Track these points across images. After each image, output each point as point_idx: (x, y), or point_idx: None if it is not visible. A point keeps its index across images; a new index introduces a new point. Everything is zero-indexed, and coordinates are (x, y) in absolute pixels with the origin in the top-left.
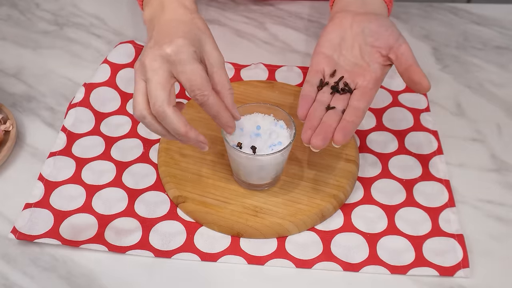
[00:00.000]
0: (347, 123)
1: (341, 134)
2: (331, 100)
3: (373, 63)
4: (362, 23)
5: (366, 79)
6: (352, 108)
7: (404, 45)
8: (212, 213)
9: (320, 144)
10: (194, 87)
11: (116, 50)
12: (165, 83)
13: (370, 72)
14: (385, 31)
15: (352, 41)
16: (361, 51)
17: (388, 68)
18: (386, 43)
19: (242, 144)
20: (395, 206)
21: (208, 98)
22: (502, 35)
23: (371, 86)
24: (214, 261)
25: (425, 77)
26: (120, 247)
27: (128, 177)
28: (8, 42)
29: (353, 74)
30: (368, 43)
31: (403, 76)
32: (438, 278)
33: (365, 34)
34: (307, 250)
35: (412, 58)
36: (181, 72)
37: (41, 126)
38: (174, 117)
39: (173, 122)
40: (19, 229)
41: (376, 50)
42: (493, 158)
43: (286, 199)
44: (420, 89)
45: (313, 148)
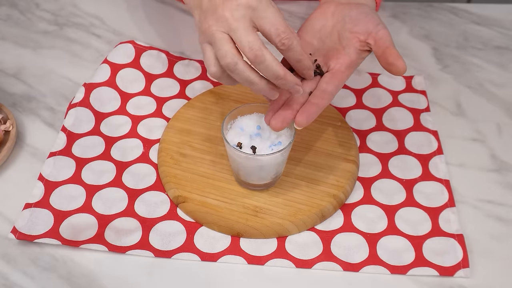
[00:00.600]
0: (311, 105)
1: (304, 116)
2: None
3: (348, 47)
4: (343, 11)
5: (339, 62)
6: (319, 90)
7: (383, 30)
8: (212, 213)
9: (279, 125)
10: (280, 31)
11: (116, 50)
12: (252, 29)
13: (344, 55)
14: (365, 17)
15: (332, 28)
16: (340, 37)
17: (365, 54)
18: (364, 28)
19: (242, 144)
20: (395, 206)
21: (293, 41)
22: (502, 35)
23: (343, 69)
24: (214, 261)
25: (401, 59)
26: (120, 247)
27: (128, 177)
28: (8, 42)
29: (327, 57)
30: (347, 29)
31: (380, 60)
32: (438, 278)
33: (345, 21)
34: (307, 250)
35: (389, 41)
36: (264, 18)
37: (41, 126)
38: (273, 59)
39: (272, 65)
40: (19, 229)
41: (354, 35)
42: (493, 158)
43: (286, 199)
44: (396, 71)
45: (272, 129)
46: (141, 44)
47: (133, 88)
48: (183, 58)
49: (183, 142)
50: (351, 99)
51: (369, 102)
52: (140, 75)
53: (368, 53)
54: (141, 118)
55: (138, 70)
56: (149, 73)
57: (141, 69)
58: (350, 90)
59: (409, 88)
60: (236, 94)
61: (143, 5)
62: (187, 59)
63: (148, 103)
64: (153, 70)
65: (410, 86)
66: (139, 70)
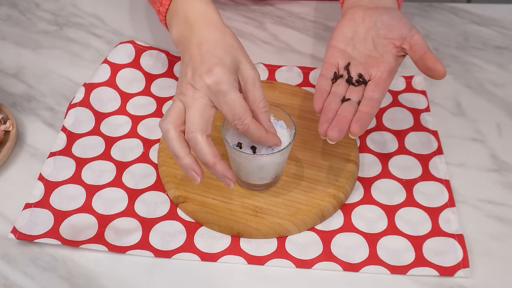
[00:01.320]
0: (363, 114)
1: (358, 125)
2: (346, 92)
3: (386, 54)
4: (374, 16)
5: (380, 69)
6: (367, 99)
7: (417, 35)
8: (212, 213)
9: (337, 136)
10: (235, 117)
11: (116, 50)
12: (204, 111)
13: (384, 62)
14: (398, 22)
15: (365, 34)
16: (375, 43)
17: (401, 59)
18: (399, 34)
19: (242, 144)
20: (395, 206)
21: (249, 126)
22: (502, 35)
23: (385, 77)
24: (214, 261)
25: (440, 63)
26: (120, 247)
27: (128, 177)
28: (8, 42)
29: (367, 66)
30: (381, 35)
31: (418, 65)
32: (438, 278)
33: (377, 27)
34: (307, 250)
35: (425, 46)
36: (223, 103)
37: (41, 126)
38: (205, 146)
39: (203, 151)
40: (19, 229)
41: (389, 41)
42: (493, 158)
43: (286, 199)
44: (436, 75)
45: (330, 140)
46: (141, 44)
47: (133, 88)
48: None
49: None
50: None
51: None
52: (140, 75)
53: (403, 58)
54: (141, 118)
55: (138, 70)
56: (149, 73)
57: (141, 69)
58: None
59: (409, 88)
60: None
61: (143, 5)
62: None
63: (148, 103)
64: (153, 70)
65: (410, 86)
66: (139, 70)
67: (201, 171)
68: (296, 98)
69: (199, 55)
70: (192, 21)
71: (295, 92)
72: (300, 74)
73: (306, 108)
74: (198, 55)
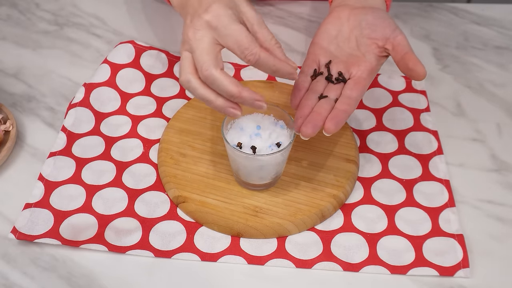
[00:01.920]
0: (339, 112)
1: (332, 123)
2: (324, 89)
3: (368, 53)
4: (359, 16)
5: (360, 68)
6: (344, 97)
7: (400, 35)
8: (212, 213)
9: (310, 132)
10: (243, 48)
11: (116, 50)
12: (210, 49)
13: (365, 62)
14: (382, 22)
15: (349, 33)
16: (358, 43)
17: (384, 59)
18: (382, 34)
19: (242, 144)
20: (395, 206)
21: (259, 55)
22: (502, 35)
23: (365, 76)
24: (214, 261)
25: (421, 64)
26: (120, 247)
27: (128, 177)
28: (8, 42)
29: (348, 64)
30: (365, 35)
31: (399, 65)
32: (438, 278)
33: (362, 26)
34: (307, 250)
35: (408, 47)
36: (226, 36)
37: (41, 126)
38: (223, 78)
39: (223, 84)
40: (19, 229)
41: (372, 41)
42: (493, 158)
43: (286, 199)
44: (416, 76)
45: (303, 136)
46: (141, 44)
47: (133, 88)
48: None
49: (183, 142)
50: None
51: (369, 102)
52: (140, 75)
53: (386, 58)
54: (141, 118)
55: (138, 70)
56: (149, 73)
57: (141, 69)
58: None
59: (409, 88)
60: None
61: (143, 5)
62: None
63: (148, 103)
64: (153, 70)
65: (410, 86)
66: (139, 70)
67: (238, 105)
68: None
69: (197, 1)
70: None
71: None
72: None
73: None
74: (196, 2)
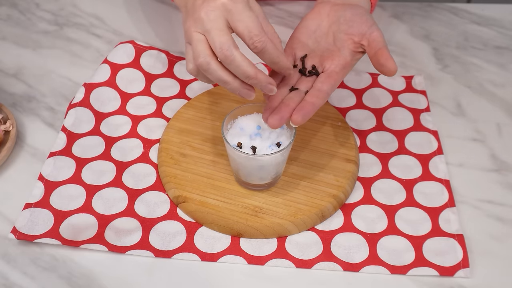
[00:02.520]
0: (307, 104)
1: (299, 114)
2: (297, 82)
3: (343, 48)
4: (338, 12)
5: (334, 63)
6: (315, 90)
7: (376, 32)
8: (212, 213)
9: (276, 123)
10: (253, 34)
11: (116, 50)
12: (226, 30)
13: (339, 56)
14: (359, 19)
15: (328, 29)
16: (334, 38)
17: (359, 55)
18: (358, 30)
19: (242, 144)
20: (395, 206)
21: (267, 43)
22: (502, 35)
23: (338, 70)
24: (214, 261)
25: (392, 60)
26: (120, 247)
27: (128, 177)
28: (8, 42)
29: (323, 58)
30: (342, 30)
31: (372, 60)
32: (438, 278)
33: (340, 22)
34: (307, 250)
35: (382, 43)
36: (239, 20)
37: (41, 126)
38: (243, 59)
39: (242, 64)
40: (19, 229)
41: (348, 37)
42: (493, 158)
43: (286, 199)
44: (386, 71)
45: (270, 127)
46: (141, 44)
47: (133, 88)
48: (183, 58)
49: (183, 142)
50: (351, 99)
51: (369, 102)
52: (140, 75)
53: (362, 55)
54: (141, 118)
55: (138, 70)
56: (149, 73)
57: (141, 69)
58: (350, 90)
59: (409, 88)
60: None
61: (143, 5)
62: None
63: (148, 103)
64: (153, 70)
65: (410, 86)
66: (139, 70)
67: (251, 86)
68: None
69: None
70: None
71: None
72: None
73: None
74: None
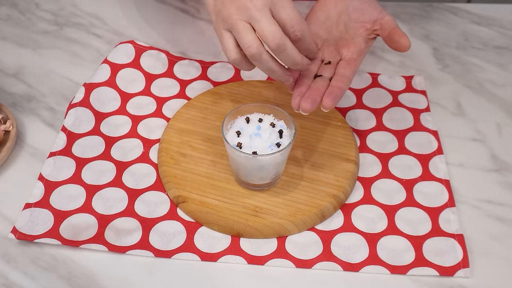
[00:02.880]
0: (335, 88)
1: (330, 99)
2: (318, 70)
3: (357, 36)
4: (345, 2)
5: (350, 50)
6: (339, 75)
7: (387, 16)
8: (212, 213)
9: (309, 107)
10: (294, 22)
11: (116, 50)
12: (273, 19)
13: (354, 44)
14: (368, 6)
15: (337, 18)
16: (346, 27)
17: (372, 41)
18: (370, 17)
19: (242, 144)
20: (395, 206)
21: (305, 32)
22: (502, 35)
23: (355, 57)
24: (214, 261)
25: (405, 36)
26: (120, 247)
27: (128, 177)
28: (8, 42)
29: (338, 46)
30: (353, 19)
31: (386, 40)
32: (438, 278)
33: (349, 11)
34: (307, 250)
35: (394, 24)
36: (282, 8)
37: (41, 126)
38: (293, 47)
39: (293, 53)
40: (19, 229)
41: (361, 25)
42: (493, 158)
43: (286, 199)
44: (401, 47)
45: (303, 111)
46: (141, 44)
47: (133, 88)
48: (183, 58)
49: (183, 142)
50: (351, 99)
51: (369, 102)
52: (140, 75)
53: (374, 40)
54: (141, 118)
55: (138, 70)
56: (149, 73)
57: (141, 69)
58: (350, 90)
59: (409, 88)
60: (236, 94)
61: (143, 5)
62: (187, 59)
63: (148, 103)
64: (153, 70)
65: (410, 86)
66: (139, 70)
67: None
68: None
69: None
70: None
71: None
72: None
73: None
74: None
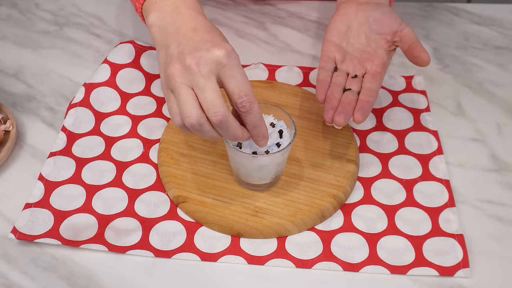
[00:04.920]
0: (364, 103)
1: (360, 113)
2: (345, 83)
3: (379, 49)
4: (366, 12)
5: (374, 63)
6: (366, 89)
7: (407, 28)
8: (212, 213)
9: (343, 121)
10: (243, 93)
11: (116, 50)
12: (219, 89)
13: (378, 57)
14: (388, 18)
15: (358, 29)
16: (368, 39)
17: (393, 52)
18: (390, 29)
19: (242, 144)
20: (395, 206)
21: (254, 104)
22: (502, 35)
23: (380, 70)
24: (214, 261)
25: (425, 51)
26: (120, 247)
27: (128, 177)
28: (8, 42)
29: (362, 60)
30: (373, 30)
31: (406, 54)
32: (438, 278)
33: (369, 22)
34: (307, 250)
35: (414, 37)
36: (231, 77)
37: (41, 126)
38: (234, 122)
39: (235, 129)
40: (19, 229)
41: (381, 37)
42: (493, 158)
43: (286, 199)
44: (421, 62)
45: (337, 125)
46: (141, 44)
47: (133, 88)
48: None
49: (183, 142)
50: None
51: None
52: (140, 75)
53: (394, 51)
54: (141, 118)
55: (138, 70)
56: (149, 73)
57: (141, 69)
58: None
59: (409, 88)
60: None
61: None
62: None
63: (148, 103)
64: (153, 70)
65: (410, 86)
66: (139, 70)
67: None
68: (296, 98)
69: (197, 36)
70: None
71: (295, 92)
72: (300, 74)
73: (306, 108)
74: (196, 36)
